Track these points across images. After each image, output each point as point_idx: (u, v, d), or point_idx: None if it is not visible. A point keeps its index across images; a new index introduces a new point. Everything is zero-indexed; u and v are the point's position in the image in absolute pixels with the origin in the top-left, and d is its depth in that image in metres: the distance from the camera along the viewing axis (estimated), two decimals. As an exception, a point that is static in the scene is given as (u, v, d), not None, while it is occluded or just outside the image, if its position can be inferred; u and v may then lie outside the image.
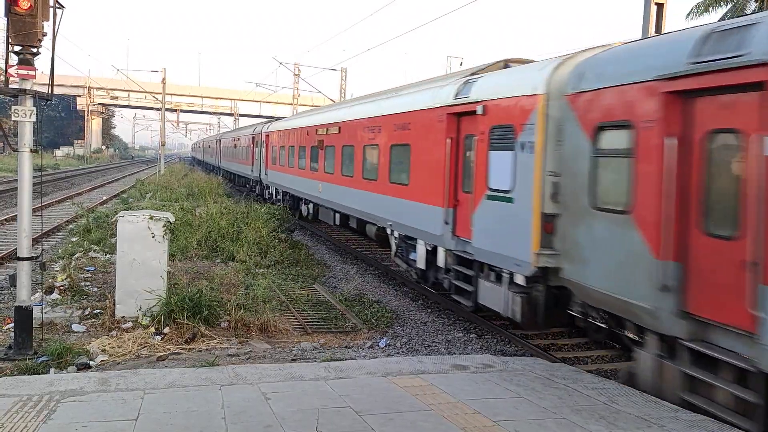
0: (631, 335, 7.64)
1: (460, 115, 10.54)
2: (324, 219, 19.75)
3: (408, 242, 12.62)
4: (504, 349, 9.70)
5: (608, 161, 7.29)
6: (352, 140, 15.82)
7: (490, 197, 9.46)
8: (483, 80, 10.16)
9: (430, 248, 11.49)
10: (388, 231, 13.65)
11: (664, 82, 6.36)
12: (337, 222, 18.05)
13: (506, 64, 10.78)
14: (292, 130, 23.53)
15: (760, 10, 24.30)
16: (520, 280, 8.82)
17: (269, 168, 27.89)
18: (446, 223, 10.62)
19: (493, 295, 9.41)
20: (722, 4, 25.68)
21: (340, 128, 16.82)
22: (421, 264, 11.99)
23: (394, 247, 13.35)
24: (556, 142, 8.26)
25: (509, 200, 9.00)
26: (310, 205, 21.25)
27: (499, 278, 9.37)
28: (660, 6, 14.14)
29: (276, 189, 27.12)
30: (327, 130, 18.12)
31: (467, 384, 6.62)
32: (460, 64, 48.78)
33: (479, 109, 9.68)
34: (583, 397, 6.34)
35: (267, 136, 28.59)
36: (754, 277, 5.40)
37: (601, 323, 8.27)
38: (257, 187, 32.40)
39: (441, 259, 11.05)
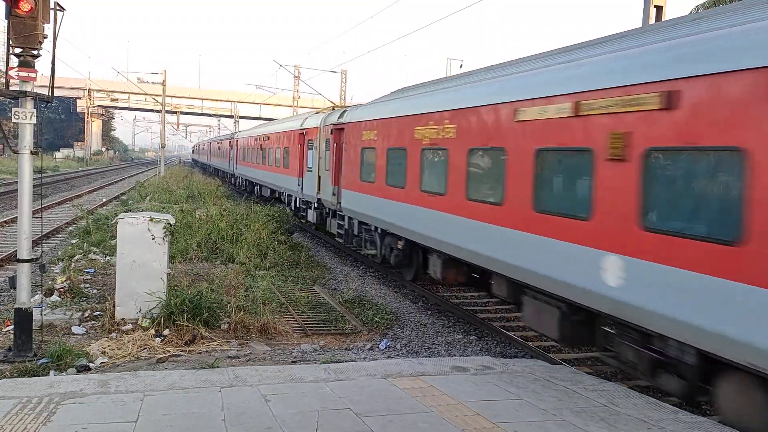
0: None
1: None
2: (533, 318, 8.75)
3: None
4: (504, 351, 9.70)
5: None
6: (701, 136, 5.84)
7: None
8: None
9: None
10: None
11: None
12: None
13: None
14: (409, 118, 12.34)
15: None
16: None
17: (344, 186, 16.47)
18: None
19: None
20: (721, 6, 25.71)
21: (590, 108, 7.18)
22: None
23: None
24: None
25: None
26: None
27: None
28: (659, 8, 14.19)
29: (358, 222, 15.84)
30: (556, 108, 7.78)
31: (467, 385, 6.61)
32: (460, 66, 48.80)
33: None
34: (583, 399, 6.34)
35: (338, 132, 17.24)
36: None
37: None
38: (308, 211, 20.67)
39: None
